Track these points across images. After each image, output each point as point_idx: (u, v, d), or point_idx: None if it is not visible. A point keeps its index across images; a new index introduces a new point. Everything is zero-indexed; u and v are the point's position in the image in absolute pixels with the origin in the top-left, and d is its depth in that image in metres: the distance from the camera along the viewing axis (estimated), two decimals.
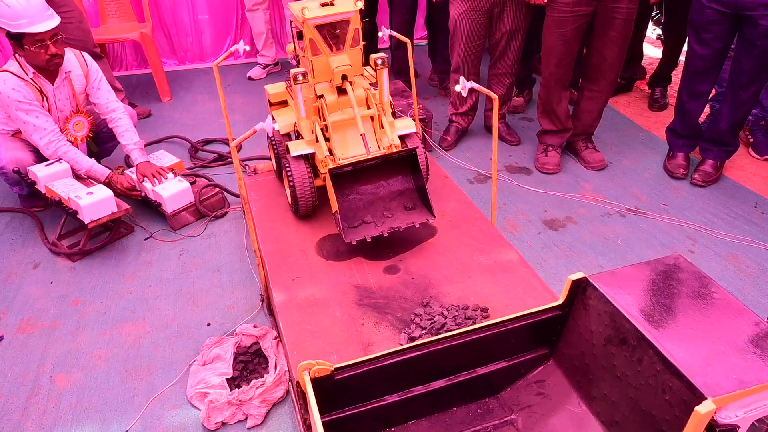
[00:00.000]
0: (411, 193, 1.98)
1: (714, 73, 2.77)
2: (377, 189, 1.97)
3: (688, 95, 2.86)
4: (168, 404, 1.87)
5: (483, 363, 1.51)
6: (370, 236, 1.85)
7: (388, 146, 1.95)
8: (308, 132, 2.02)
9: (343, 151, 1.95)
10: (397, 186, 1.98)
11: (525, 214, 2.76)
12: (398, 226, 1.89)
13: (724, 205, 2.76)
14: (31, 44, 2.47)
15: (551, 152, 3.08)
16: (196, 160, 3.34)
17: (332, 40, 1.94)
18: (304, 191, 2.01)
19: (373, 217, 1.94)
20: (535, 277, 1.91)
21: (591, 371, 1.44)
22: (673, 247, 2.49)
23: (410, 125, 2.08)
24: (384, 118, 1.99)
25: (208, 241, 2.67)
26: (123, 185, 2.70)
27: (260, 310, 2.23)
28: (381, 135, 1.99)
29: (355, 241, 1.85)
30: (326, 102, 1.95)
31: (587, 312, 1.44)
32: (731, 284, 2.27)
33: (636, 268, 1.46)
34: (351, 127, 1.97)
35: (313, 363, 1.29)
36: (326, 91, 1.98)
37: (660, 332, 1.26)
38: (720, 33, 2.60)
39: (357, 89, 1.98)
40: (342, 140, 1.98)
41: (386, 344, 1.67)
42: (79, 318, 2.26)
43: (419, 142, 2.09)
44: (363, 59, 2.04)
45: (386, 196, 1.97)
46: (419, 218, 1.92)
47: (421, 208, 1.96)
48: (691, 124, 2.95)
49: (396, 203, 1.97)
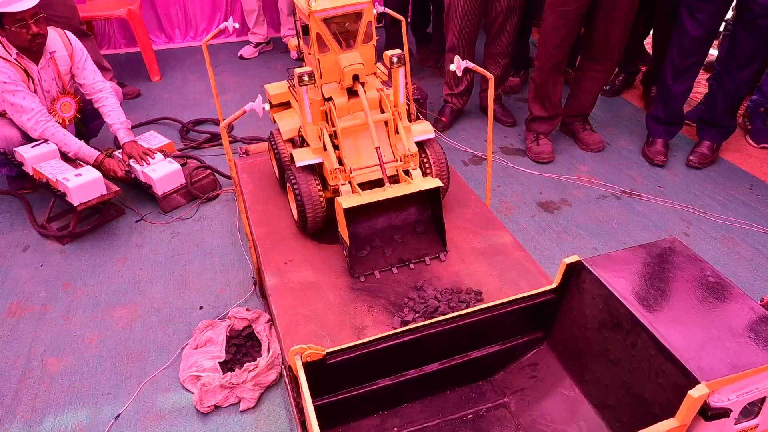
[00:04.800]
0: (425, 221, 1.84)
1: (703, 54, 2.73)
2: (390, 218, 1.81)
3: (674, 76, 2.79)
4: (160, 387, 1.86)
5: (476, 346, 1.50)
6: (379, 270, 1.76)
7: (404, 156, 1.77)
8: (315, 139, 1.82)
9: (354, 160, 1.77)
10: (413, 216, 1.83)
11: (520, 196, 2.74)
12: (408, 258, 1.78)
13: (720, 187, 2.75)
14: (11, 24, 2.41)
15: (543, 140, 3.02)
16: (187, 141, 3.29)
17: (342, 35, 1.74)
18: (313, 207, 1.81)
19: (381, 242, 1.80)
20: (530, 260, 1.90)
21: (584, 355, 1.43)
22: (668, 230, 2.48)
23: (428, 130, 1.90)
24: (399, 122, 1.80)
25: (199, 223, 2.64)
26: (116, 173, 2.65)
27: (253, 293, 2.21)
28: (396, 141, 1.81)
29: (363, 276, 1.76)
30: (335, 105, 1.76)
31: (581, 295, 1.43)
32: (726, 267, 2.27)
33: (631, 252, 1.44)
34: (363, 132, 1.79)
35: (305, 348, 1.28)
36: (335, 93, 1.78)
37: (654, 316, 1.25)
38: (713, 12, 2.55)
39: (369, 90, 1.78)
40: (353, 148, 1.79)
41: (379, 328, 1.66)
42: (69, 301, 2.24)
43: (440, 149, 1.92)
44: (376, 56, 1.84)
45: (398, 224, 1.83)
46: (430, 250, 1.81)
47: (433, 235, 1.82)
48: (674, 109, 2.90)
49: (407, 228, 1.83)
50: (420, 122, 1.94)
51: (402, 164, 1.78)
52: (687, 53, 2.71)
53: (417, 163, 1.81)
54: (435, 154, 1.92)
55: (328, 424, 1.43)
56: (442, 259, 1.80)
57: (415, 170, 1.78)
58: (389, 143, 1.82)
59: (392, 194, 1.67)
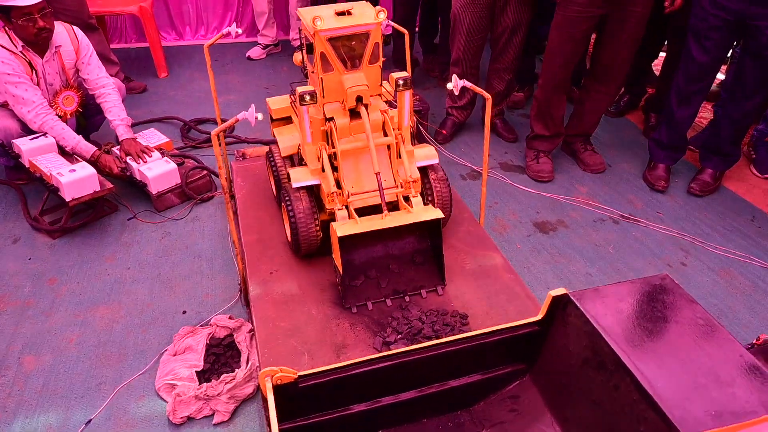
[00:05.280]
0: (424, 252, 1.78)
1: (709, 81, 2.69)
2: (387, 247, 1.75)
3: (679, 102, 2.75)
4: (135, 394, 1.83)
5: (457, 375, 1.46)
6: (372, 301, 1.69)
7: (405, 182, 1.71)
8: (313, 159, 1.78)
9: (353, 184, 1.72)
10: (411, 245, 1.76)
11: (516, 215, 2.69)
12: (404, 290, 1.72)
13: (721, 217, 2.69)
14: (18, 17, 2.40)
15: (543, 158, 2.98)
16: (188, 140, 3.26)
17: (347, 55, 1.69)
18: (307, 231, 1.76)
19: (376, 271, 1.73)
20: (520, 283, 1.86)
21: (567, 392, 1.39)
22: (665, 258, 2.43)
23: (432, 155, 1.84)
24: (402, 146, 1.75)
25: (191, 225, 2.61)
26: (112, 170, 2.62)
27: (238, 300, 2.18)
28: (398, 166, 1.76)
29: (356, 308, 1.69)
30: (336, 126, 1.71)
31: (566, 330, 1.39)
32: (722, 301, 2.22)
33: (620, 287, 1.40)
34: (363, 154, 1.74)
35: (276, 370, 1.24)
36: (337, 113, 1.73)
37: (639, 359, 1.21)
38: (721, 40, 2.51)
39: (373, 113, 1.74)
40: (353, 171, 1.73)
41: (360, 348, 1.62)
42: (53, 298, 2.22)
43: (443, 176, 1.86)
44: (381, 77, 1.79)
45: (395, 252, 1.76)
46: (427, 282, 1.74)
47: (431, 266, 1.76)
48: (677, 134, 2.85)
49: (404, 258, 1.77)
50: (424, 146, 1.88)
51: (402, 191, 1.72)
52: (693, 79, 2.66)
53: (418, 190, 1.75)
54: (438, 181, 1.86)
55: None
56: (440, 293, 1.74)
57: (416, 197, 1.72)
58: (390, 167, 1.77)
59: (390, 224, 1.61)
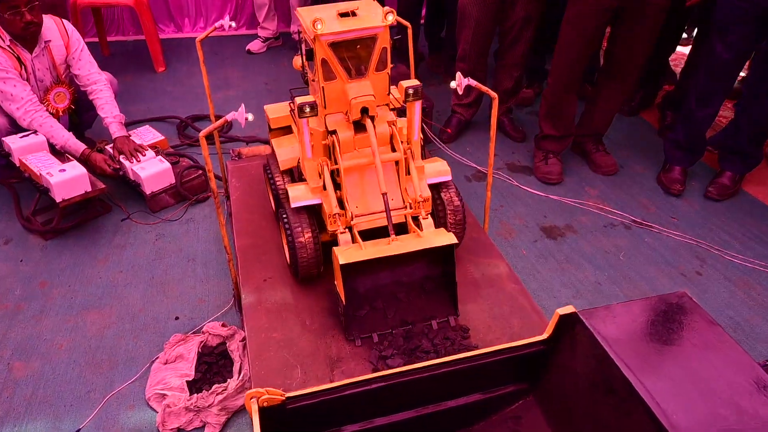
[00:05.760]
0: (435, 278, 1.62)
1: (732, 79, 2.57)
2: (394, 273, 1.60)
3: (699, 101, 2.62)
4: (125, 403, 1.77)
5: (456, 395, 1.38)
6: (378, 333, 1.55)
7: (415, 201, 1.57)
8: (314, 176, 1.63)
9: (358, 203, 1.58)
10: (421, 271, 1.60)
11: (522, 219, 2.60)
12: (413, 320, 1.57)
13: (740, 223, 2.58)
14: (5, 11, 2.33)
15: (552, 160, 2.87)
16: (184, 138, 3.19)
17: (352, 62, 1.53)
18: (306, 254, 1.63)
19: (382, 302, 1.58)
20: (524, 294, 1.77)
21: (573, 416, 1.30)
22: (679, 267, 2.33)
23: (444, 170, 1.69)
24: (412, 162, 1.60)
25: (186, 226, 2.54)
26: (104, 171, 2.55)
27: (232, 305, 2.11)
28: (407, 183, 1.62)
29: (359, 340, 1.55)
30: (339, 140, 1.57)
31: (574, 351, 1.30)
32: (738, 313, 2.11)
33: (634, 305, 1.31)
34: (369, 171, 1.60)
35: (262, 392, 1.16)
36: (340, 125, 1.58)
37: (653, 386, 1.11)
38: (746, 34, 2.39)
39: (380, 125, 1.58)
40: (357, 189, 1.59)
41: (355, 361, 1.54)
42: (44, 301, 2.16)
43: (456, 194, 1.73)
44: (389, 85, 1.64)
45: (403, 279, 1.60)
46: (438, 312, 1.58)
47: (443, 294, 1.61)
48: (696, 134, 2.73)
49: (413, 285, 1.61)
50: (435, 161, 1.75)
51: (412, 211, 1.59)
52: (714, 76, 2.54)
53: (429, 210, 1.62)
54: (450, 200, 1.71)
55: None
56: (452, 323, 1.60)
57: (426, 219, 1.59)
58: (398, 185, 1.63)
59: (398, 251, 1.46)
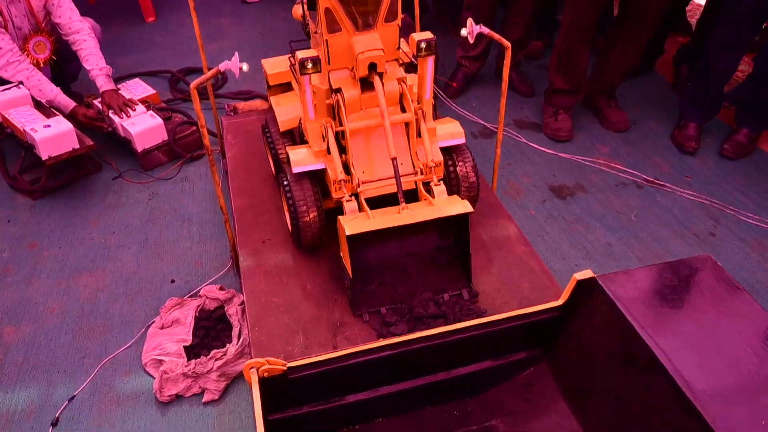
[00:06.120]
0: (447, 249, 1.53)
1: (757, 28, 2.40)
2: (404, 245, 1.50)
3: (719, 51, 2.45)
4: (121, 369, 1.71)
5: (465, 362, 1.32)
6: (387, 307, 1.46)
7: (426, 166, 1.47)
8: (317, 139, 1.52)
9: (364, 169, 1.47)
10: (432, 242, 1.51)
11: (531, 177, 2.50)
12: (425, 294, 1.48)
13: (756, 182, 2.48)
14: None
15: (562, 116, 2.73)
16: (176, 92, 3.04)
17: (359, 11, 1.40)
18: (309, 224, 1.53)
19: (391, 276, 1.49)
20: (534, 257, 1.70)
21: (588, 384, 1.25)
22: (692, 228, 2.25)
23: (458, 132, 1.59)
24: (423, 124, 1.49)
25: (180, 185, 2.44)
26: (85, 116, 2.42)
27: (230, 268, 2.03)
28: (417, 147, 1.51)
29: (367, 315, 1.46)
30: (344, 99, 1.45)
31: (591, 318, 1.23)
32: (753, 275, 2.05)
33: (655, 270, 1.23)
34: (377, 133, 1.48)
35: (262, 362, 1.10)
36: (345, 83, 1.46)
37: (677, 356, 1.05)
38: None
39: (389, 82, 1.46)
40: (364, 153, 1.48)
41: (358, 327, 1.48)
42: (34, 263, 2.08)
43: (470, 158, 1.61)
44: (399, 38, 1.49)
45: (413, 250, 1.51)
46: (451, 285, 1.49)
47: (456, 268, 1.52)
48: (713, 89, 2.58)
49: (424, 256, 1.53)
50: (447, 121, 1.62)
51: (423, 177, 1.49)
52: (738, 25, 2.37)
53: (441, 176, 1.52)
54: (466, 175, 1.60)
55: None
56: (465, 296, 1.50)
57: (438, 186, 1.48)
58: (408, 149, 1.51)
59: (409, 220, 1.36)
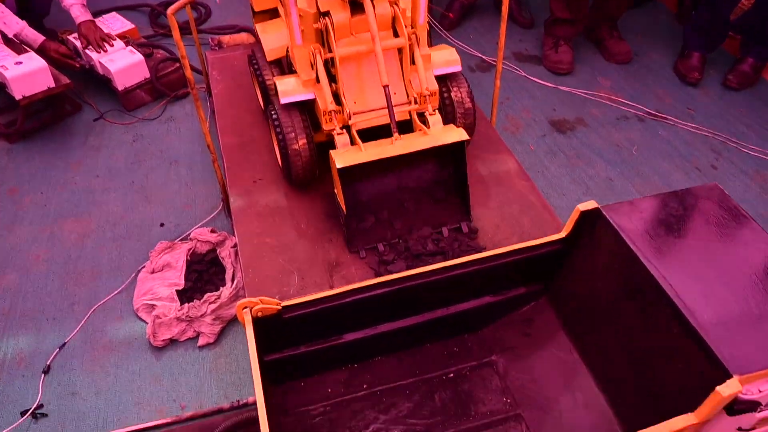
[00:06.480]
0: (445, 182, 1.49)
1: None
2: (400, 178, 1.45)
3: None
4: (112, 315, 1.68)
5: (464, 299, 1.29)
6: (384, 243, 1.42)
7: (420, 95, 1.41)
8: (305, 66, 1.45)
9: (356, 98, 1.42)
10: (429, 174, 1.47)
11: (530, 112, 2.41)
12: (423, 231, 1.44)
13: (759, 113, 2.41)
14: None
15: (563, 47, 2.61)
16: (157, 28, 2.87)
17: None
18: (301, 161, 1.49)
19: (389, 213, 1.46)
20: (535, 191, 1.65)
21: (590, 318, 1.23)
22: (694, 161, 2.20)
23: (454, 59, 1.53)
24: (417, 50, 1.42)
25: (166, 125, 2.34)
26: (56, 52, 2.27)
27: (221, 210, 1.97)
28: (411, 75, 1.45)
29: (364, 251, 1.42)
30: (333, 23, 1.37)
31: (595, 250, 1.19)
32: (753, 207, 2.02)
33: (660, 200, 1.19)
34: (368, 60, 1.42)
35: (255, 301, 1.06)
36: (334, 5, 1.38)
37: (683, 287, 1.02)
38: None
39: (380, 4, 1.37)
40: (355, 82, 1.42)
41: (356, 265, 1.45)
42: (15, 210, 2.01)
43: (466, 86, 1.55)
44: None
45: (410, 184, 1.47)
46: (450, 218, 1.46)
47: (455, 201, 1.48)
48: (718, 16, 2.46)
49: (421, 190, 1.49)
50: (442, 48, 1.54)
51: (417, 107, 1.42)
52: None
53: (436, 105, 1.45)
54: (461, 101, 1.54)
55: (288, 377, 1.26)
56: (464, 230, 1.47)
57: (434, 115, 1.41)
58: (402, 77, 1.45)
59: (402, 150, 1.31)
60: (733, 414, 0.91)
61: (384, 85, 1.31)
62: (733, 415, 0.91)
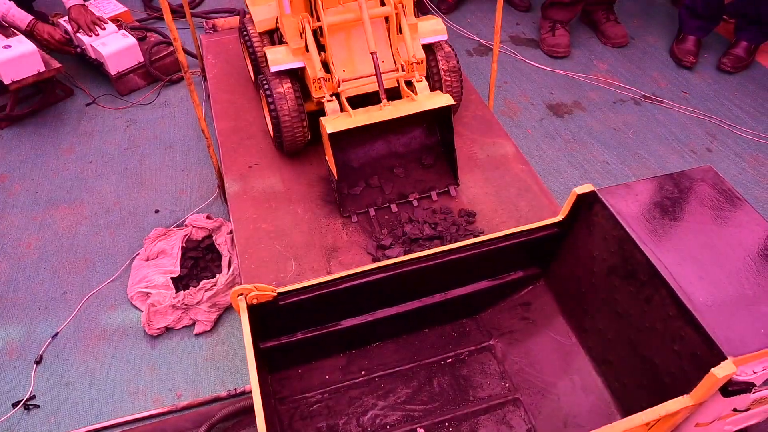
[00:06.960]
0: (433, 148, 1.53)
1: None
2: (389, 143, 1.49)
3: None
4: (105, 303, 1.67)
5: (462, 283, 1.29)
6: (375, 207, 1.46)
7: (408, 63, 1.43)
8: (295, 36, 1.48)
9: (345, 66, 1.44)
10: (418, 140, 1.52)
11: (528, 96, 2.40)
12: (411, 192, 1.48)
13: (753, 96, 2.41)
14: None
15: (560, 30, 2.59)
16: (150, 11, 2.83)
17: None
18: (291, 124, 1.51)
19: (380, 178, 1.50)
20: (532, 175, 1.65)
21: (587, 301, 1.23)
22: (689, 144, 2.19)
23: (440, 29, 1.56)
24: (404, 19, 1.45)
25: (160, 110, 2.31)
26: (50, 36, 2.23)
27: (217, 196, 1.96)
28: (398, 43, 1.47)
29: (356, 216, 1.47)
30: None
31: (591, 233, 1.19)
32: (747, 190, 2.02)
33: (656, 183, 1.18)
34: (356, 29, 1.45)
35: (250, 288, 1.05)
36: None
37: (678, 268, 1.02)
38: None
39: None
40: (343, 50, 1.45)
41: (353, 251, 1.44)
42: (5, 197, 1.98)
43: (452, 54, 1.57)
44: None
45: (399, 150, 1.51)
46: (438, 183, 1.50)
47: (442, 164, 1.52)
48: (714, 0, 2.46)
49: (411, 157, 1.52)
50: (428, 18, 1.57)
51: (404, 74, 1.45)
52: None
53: (423, 73, 1.47)
54: (446, 61, 1.56)
55: (285, 364, 1.26)
56: (452, 193, 1.51)
57: (421, 82, 1.44)
58: (389, 46, 1.48)
59: (390, 115, 1.35)
60: (728, 395, 0.92)
61: (372, 51, 1.35)
62: (728, 396, 0.92)
